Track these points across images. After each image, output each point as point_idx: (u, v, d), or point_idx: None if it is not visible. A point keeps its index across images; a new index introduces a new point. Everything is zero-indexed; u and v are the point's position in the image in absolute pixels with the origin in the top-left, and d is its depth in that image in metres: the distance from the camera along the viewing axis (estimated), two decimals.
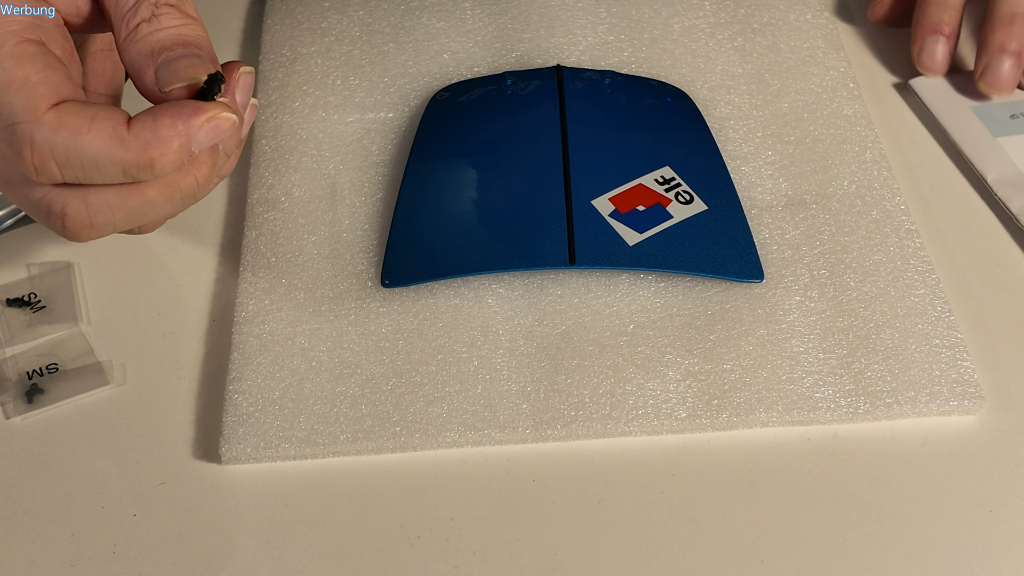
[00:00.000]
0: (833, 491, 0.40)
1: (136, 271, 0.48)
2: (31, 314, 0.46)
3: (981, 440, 0.41)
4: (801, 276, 0.45)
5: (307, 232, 0.48)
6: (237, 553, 0.39)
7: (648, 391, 0.42)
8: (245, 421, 0.41)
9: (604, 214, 0.45)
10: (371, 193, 0.49)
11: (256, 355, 0.43)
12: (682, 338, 0.43)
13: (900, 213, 0.47)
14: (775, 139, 0.51)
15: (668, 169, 0.47)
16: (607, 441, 0.41)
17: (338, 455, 0.41)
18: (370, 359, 0.43)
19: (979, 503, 0.39)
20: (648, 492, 0.40)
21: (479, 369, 0.43)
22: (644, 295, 0.45)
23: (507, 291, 0.45)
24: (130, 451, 0.42)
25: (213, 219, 0.50)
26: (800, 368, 0.42)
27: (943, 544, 0.38)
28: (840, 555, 0.38)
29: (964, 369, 0.42)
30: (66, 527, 0.40)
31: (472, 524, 0.39)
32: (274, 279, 0.46)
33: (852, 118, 0.51)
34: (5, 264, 0.48)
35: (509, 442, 0.41)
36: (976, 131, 0.51)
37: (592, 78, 0.52)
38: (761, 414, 0.41)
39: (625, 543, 0.39)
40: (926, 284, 0.45)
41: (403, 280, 0.45)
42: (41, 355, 0.45)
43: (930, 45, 0.52)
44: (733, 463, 0.41)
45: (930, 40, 0.52)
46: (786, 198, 0.48)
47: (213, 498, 0.41)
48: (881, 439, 0.41)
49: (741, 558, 0.38)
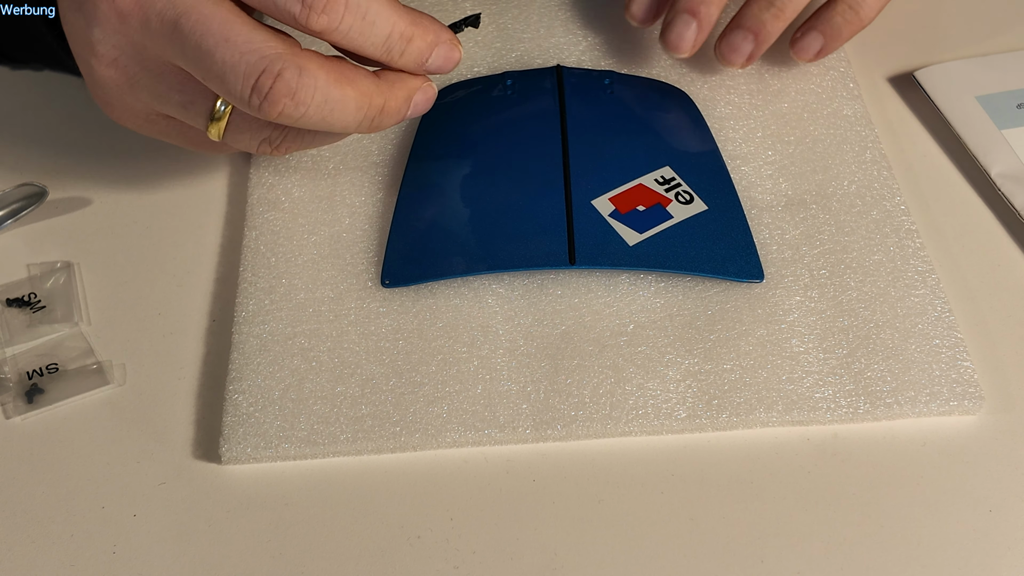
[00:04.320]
0: (833, 491, 0.40)
1: (136, 271, 0.48)
2: (31, 314, 0.46)
3: (981, 440, 0.41)
4: (801, 276, 0.45)
5: (307, 232, 0.48)
6: (237, 553, 0.39)
7: (648, 391, 0.42)
8: (245, 421, 0.41)
9: (604, 214, 0.45)
10: (371, 193, 0.49)
11: (256, 355, 0.43)
12: (682, 338, 0.43)
13: (900, 213, 0.47)
14: (775, 139, 0.51)
15: (668, 169, 0.47)
16: (607, 441, 0.41)
17: (338, 455, 0.41)
18: (370, 359, 0.43)
19: (979, 503, 0.39)
20: (648, 492, 0.40)
21: (479, 369, 0.43)
22: (644, 295, 0.45)
23: (507, 291, 0.45)
24: (130, 451, 0.42)
25: (213, 219, 0.50)
26: (800, 368, 0.42)
27: (943, 544, 0.38)
28: (840, 555, 0.38)
29: (964, 369, 0.42)
30: (66, 527, 0.40)
31: (472, 524, 0.39)
32: (274, 279, 0.46)
33: (852, 118, 0.51)
34: (5, 264, 0.48)
35: (509, 442, 0.41)
36: (981, 123, 0.51)
37: (592, 78, 0.52)
38: (761, 414, 0.41)
39: (625, 543, 0.39)
40: (926, 284, 0.45)
41: (403, 280, 0.45)
42: (41, 355, 0.45)
43: (680, 25, 0.50)
44: (733, 463, 0.41)
45: (681, 19, 0.50)
46: (786, 198, 0.48)
47: (213, 498, 0.40)
48: (881, 439, 0.41)
49: (741, 558, 0.38)
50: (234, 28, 0.37)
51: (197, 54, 0.37)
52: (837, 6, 0.50)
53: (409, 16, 0.39)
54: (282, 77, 0.37)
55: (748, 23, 0.50)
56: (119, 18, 0.39)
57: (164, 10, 0.38)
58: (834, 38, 0.51)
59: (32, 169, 0.52)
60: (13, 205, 0.49)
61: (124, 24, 0.39)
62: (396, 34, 0.38)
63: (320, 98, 0.38)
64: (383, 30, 0.38)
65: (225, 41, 0.37)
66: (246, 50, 0.37)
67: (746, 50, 0.50)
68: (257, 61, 0.37)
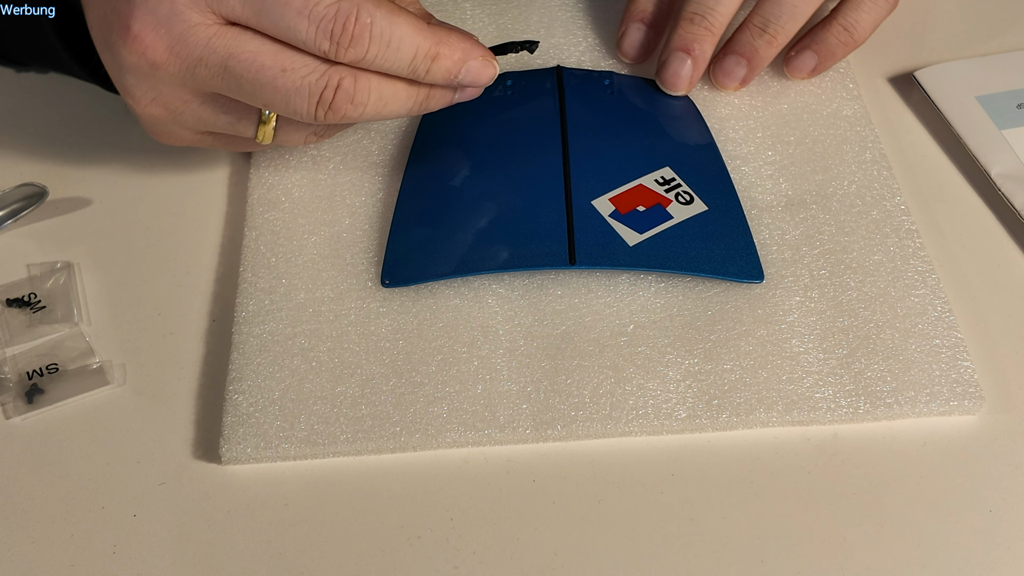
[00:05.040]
0: (833, 491, 0.40)
1: (136, 271, 0.48)
2: (31, 314, 0.46)
3: (981, 440, 0.41)
4: (801, 276, 0.45)
5: (307, 232, 0.48)
6: (237, 553, 0.39)
7: (648, 391, 0.42)
8: (245, 421, 0.41)
9: (604, 214, 0.45)
10: (371, 193, 0.49)
11: (256, 355, 0.43)
12: (682, 338, 0.43)
13: (900, 213, 0.47)
14: (775, 139, 0.51)
15: (668, 170, 0.47)
16: (607, 441, 0.41)
17: (338, 455, 0.41)
18: (370, 359, 0.43)
19: (979, 503, 0.39)
20: (648, 492, 0.40)
21: (479, 369, 0.43)
22: (644, 295, 0.45)
23: (507, 291, 0.45)
24: (130, 451, 0.42)
25: (213, 219, 0.50)
26: (800, 368, 0.42)
27: (943, 544, 0.38)
28: (840, 555, 0.38)
29: (964, 369, 0.42)
30: (66, 527, 0.40)
31: (472, 524, 0.39)
32: (274, 279, 0.46)
33: (852, 118, 0.51)
34: (5, 264, 0.48)
35: (509, 442, 0.41)
36: (981, 123, 0.51)
37: (592, 78, 0.52)
38: (761, 414, 0.41)
39: (625, 543, 0.39)
40: (926, 284, 0.45)
41: (403, 280, 0.45)
42: (41, 355, 0.45)
43: (632, 32, 0.53)
44: (733, 463, 0.41)
45: (633, 27, 0.53)
46: (786, 198, 0.48)
47: (213, 498, 0.40)
48: (881, 439, 0.41)
49: (741, 558, 0.38)
50: (286, 58, 0.40)
51: (255, 87, 0.40)
52: (832, 27, 0.51)
53: (435, 36, 0.41)
54: (341, 87, 0.40)
55: (741, 49, 0.51)
56: (152, 67, 0.40)
57: (206, 55, 0.39)
58: (828, 57, 0.52)
59: (32, 169, 0.52)
60: (13, 205, 0.49)
61: (158, 71, 0.40)
62: (421, 55, 0.40)
63: (375, 96, 0.41)
64: (408, 54, 0.40)
65: (283, 72, 0.40)
66: (305, 73, 0.40)
67: (739, 75, 0.51)
68: (318, 80, 0.40)
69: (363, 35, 0.39)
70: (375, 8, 0.39)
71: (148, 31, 0.39)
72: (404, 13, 0.40)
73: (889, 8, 0.51)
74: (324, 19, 0.39)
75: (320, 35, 0.39)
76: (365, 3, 0.39)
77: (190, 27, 0.39)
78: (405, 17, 0.40)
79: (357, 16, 0.39)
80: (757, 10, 0.51)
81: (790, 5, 0.50)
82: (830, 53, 0.51)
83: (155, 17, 0.39)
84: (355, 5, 0.39)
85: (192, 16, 0.39)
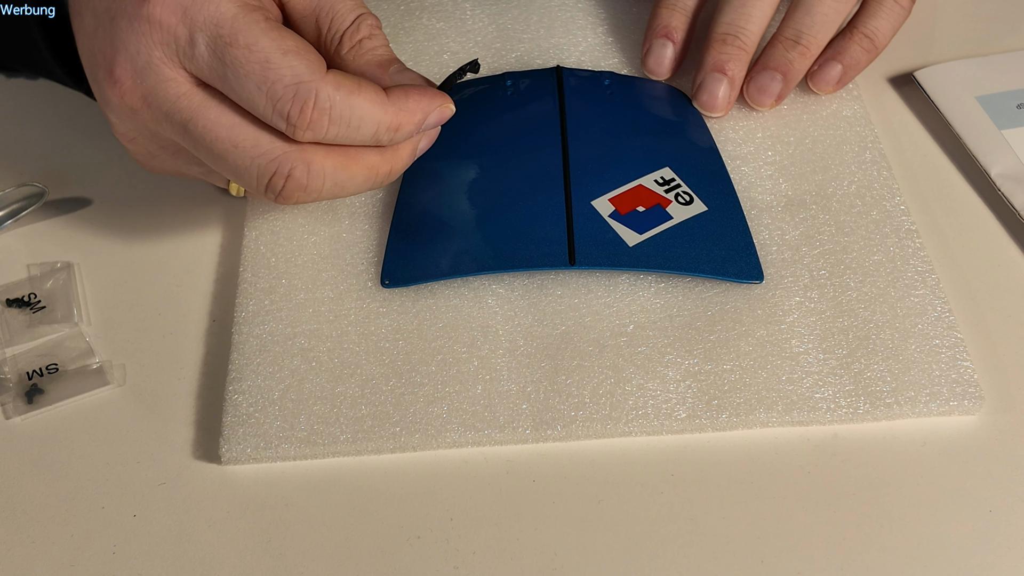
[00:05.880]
0: (833, 491, 0.40)
1: (136, 271, 0.48)
2: (31, 314, 0.46)
3: (981, 440, 0.41)
4: (801, 277, 0.45)
5: (307, 232, 0.48)
6: (237, 553, 0.39)
7: (648, 391, 0.42)
8: (245, 421, 0.41)
9: (604, 215, 0.45)
10: (371, 193, 0.49)
11: (256, 355, 0.43)
12: (682, 338, 0.43)
13: (900, 213, 0.47)
14: (775, 139, 0.51)
15: (668, 170, 0.47)
16: (607, 441, 0.41)
17: (338, 455, 0.41)
18: (370, 359, 0.43)
19: (979, 503, 0.39)
20: (648, 492, 0.40)
21: (479, 369, 0.43)
22: (644, 296, 0.45)
23: (507, 291, 0.45)
24: (130, 451, 0.42)
25: (213, 220, 0.50)
26: (800, 368, 0.42)
27: (943, 544, 0.38)
28: (840, 555, 0.38)
29: (964, 369, 0.42)
30: (66, 527, 0.40)
31: (472, 524, 0.39)
32: (274, 279, 0.46)
33: (851, 118, 0.51)
34: (5, 264, 0.48)
35: (509, 442, 0.41)
36: (981, 123, 0.51)
37: (592, 79, 0.52)
38: (761, 414, 0.41)
39: (625, 543, 0.39)
40: (926, 284, 0.45)
41: (403, 280, 0.45)
42: (41, 355, 0.45)
43: (658, 48, 0.52)
44: (733, 463, 0.41)
45: (658, 43, 0.52)
46: (786, 198, 0.48)
47: (213, 498, 0.41)
48: (881, 439, 0.41)
49: (741, 558, 0.38)
50: (240, 133, 0.39)
51: (210, 156, 0.40)
52: (854, 36, 0.51)
53: (393, 107, 0.40)
54: (292, 176, 0.39)
55: (775, 64, 0.50)
56: (130, 111, 0.40)
57: (171, 112, 0.39)
58: (853, 67, 0.51)
59: (32, 169, 0.52)
60: (13, 205, 0.49)
61: (135, 115, 0.40)
62: (383, 129, 0.40)
63: (330, 183, 0.40)
64: (369, 130, 0.39)
65: (234, 147, 0.39)
66: (255, 154, 0.39)
67: (775, 90, 0.50)
68: (267, 165, 0.39)
69: (321, 119, 0.38)
70: (335, 91, 0.38)
71: (127, 77, 0.39)
72: (364, 89, 0.39)
73: (906, 14, 0.51)
74: (281, 99, 0.38)
75: (276, 115, 0.38)
76: (325, 85, 0.38)
77: (162, 81, 0.39)
78: (365, 94, 0.39)
79: (316, 100, 0.38)
80: (787, 23, 0.50)
81: (821, 15, 0.50)
82: (855, 63, 0.51)
83: (134, 65, 0.39)
84: (314, 88, 0.38)
85: (165, 71, 0.39)
